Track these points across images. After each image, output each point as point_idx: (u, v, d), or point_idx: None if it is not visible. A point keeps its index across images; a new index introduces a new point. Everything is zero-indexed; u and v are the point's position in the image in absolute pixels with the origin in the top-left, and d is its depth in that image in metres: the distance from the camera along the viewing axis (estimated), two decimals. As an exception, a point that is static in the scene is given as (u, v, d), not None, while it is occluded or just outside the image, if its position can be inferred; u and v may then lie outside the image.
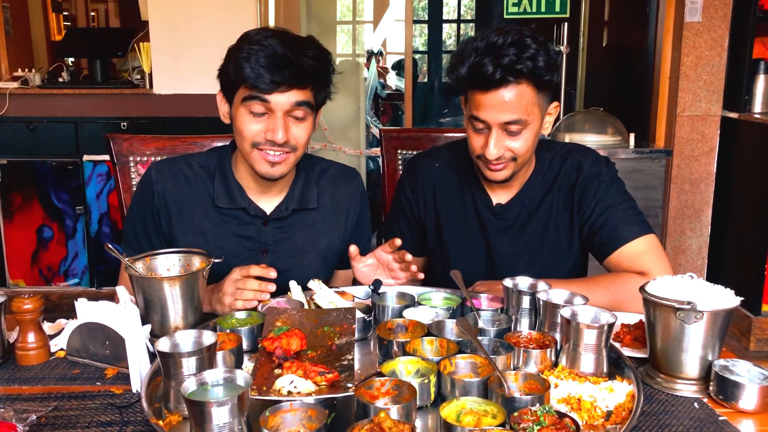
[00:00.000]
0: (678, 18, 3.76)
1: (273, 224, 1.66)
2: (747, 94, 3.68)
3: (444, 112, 6.08)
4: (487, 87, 1.48)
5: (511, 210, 1.71)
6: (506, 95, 1.48)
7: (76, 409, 1.13)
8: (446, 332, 1.29)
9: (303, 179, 1.69)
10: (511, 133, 1.52)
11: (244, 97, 1.49)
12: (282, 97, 1.48)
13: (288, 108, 1.50)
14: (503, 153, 1.54)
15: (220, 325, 1.31)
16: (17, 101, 3.84)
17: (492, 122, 1.51)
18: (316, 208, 1.69)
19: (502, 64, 1.45)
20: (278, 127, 1.49)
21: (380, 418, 0.94)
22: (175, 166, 1.67)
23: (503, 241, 1.72)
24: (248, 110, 1.50)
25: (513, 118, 1.50)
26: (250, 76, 1.45)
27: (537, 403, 1.02)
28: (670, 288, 1.22)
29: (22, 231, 3.94)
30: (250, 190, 1.65)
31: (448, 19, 6.98)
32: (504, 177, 1.60)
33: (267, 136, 1.51)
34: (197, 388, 0.99)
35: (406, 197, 1.82)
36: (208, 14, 3.74)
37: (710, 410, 1.13)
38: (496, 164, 1.56)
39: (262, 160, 1.54)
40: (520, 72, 1.46)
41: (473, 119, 1.54)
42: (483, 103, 1.50)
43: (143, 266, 1.37)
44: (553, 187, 1.69)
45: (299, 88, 1.50)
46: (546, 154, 1.72)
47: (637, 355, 1.30)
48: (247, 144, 1.53)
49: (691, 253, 3.91)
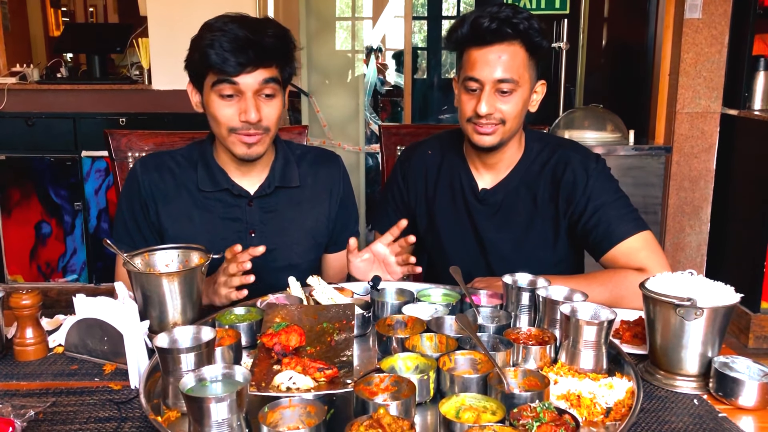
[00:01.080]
0: (678, 15, 3.75)
1: (258, 203, 1.69)
2: (747, 91, 3.67)
3: (443, 108, 6.07)
4: (483, 41, 1.56)
5: (495, 195, 1.73)
6: (501, 53, 1.56)
7: (74, 405, 1.13)
8: (445, 328, 1.29)
9: (282, 159, 1.73)
10: (503, 93, 1.58)
11: (213, 82, 1.55)
12: (249, 77, 1.53)
13: (257, 87, 1.55)
14: (493, 112, 1.58)
15: (218, 321, 1.31)
16: (15, 97, 3.83)
17: (485, 80, 1.57)
18: (298, 186, 1.73)
19: (499, 17, 1.55)
20: (250, 107, 1.54)
21: (379, 414, 0.94)
22: (158, 158, 1.73)
23: (488, 225, 1.74)
24: (218, 95, 1.55)
25: (506, 76, 1.56)
26: (216, 61, 1.51)
27: (536, 399, 1.01)
28: (670, 285, 1.22)
29: (20, 227, 3.94)
30: (232, 173, 1.69)
31: (447, 15, 6.97)
32: (492, 142, 1.62)
33: (241, 118, 1.55)
34: (196, 384, 0.99)
35: (396, 184, 1.86)
36: (207, 10, 3.68)
37: (710, 407, 1.13)
38: (486, 125, 1.60)
39: (240, 143, 1.59)
40: (516, 27, 1.55)
41: (467, 80, 1.60)
42: (478, 60, 1.57)
43: (141, 262, 1.37)
44: (540, 177, 1.71)
45: (264, 67, 1.55)
46: (536, 143, 1.74)
47: (636, 351, 1.30)
48: (224, 129, 1.58)
49: (691, 251, 3.91)
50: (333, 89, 4.63)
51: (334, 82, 4.65)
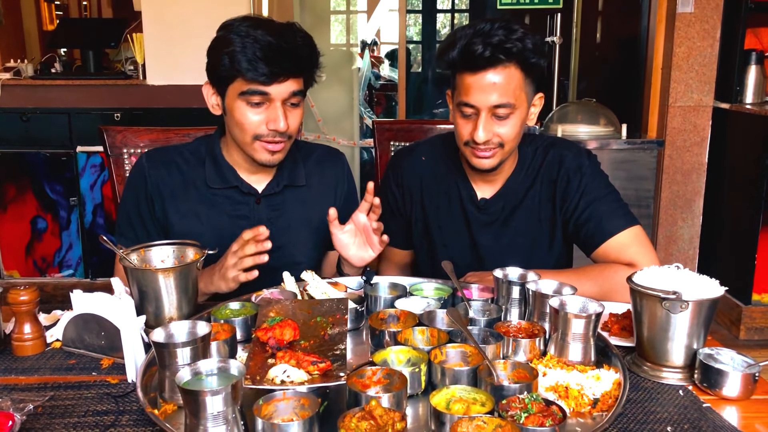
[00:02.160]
0: (671, 8, 3.77)
1: (266, 201, 1.69)
2: (738, 85, 3.70)
3: (438, 103, 6.08)
4: (476, 68, 1.51)
5: (494, 204, 1.73)
6: (495, 78, 1.51)
7: (72, 399, 1.14)
8: (437, 322, 1.31)
9: (290, 158, 1.73)
10: (499, 117, 1.55)
11: (243, 91, 1.51)
12: (281, 87, 1.52)
13: (286, 96, 1.54)
14: (491, 138, 1.56)
15: (214, 316, 1.33)
16: (10, 92, 3.83)
17: (481, 106, 1.53)
18: (305, 185, 1.74)
19: (492, 43, 1.49)
20: (279, 117, 1.53)
21: (371, 406, 0.96)
22: (165, 154, 1.71)
23: (486, 235, 1.74)
24: (246, 102, 1.53)
25: (502, 102, 1.52)
26: (249, 68, 1.48)
27: (525, 391, 1.04)
28: (657, 278, 1.24)
29: (16, 222, 3.94)
30: (241, 171, 1.69)
31: (442, 9, 6.96)
32: (491, 165, 1.61)
33: (269, 127, 1.54)
34: (192, 377, 1.00)
35: (391, 192, 1.84)
36: (200, 4, 3.73)
37: (694, 397, 1.15)
38: (485, 150, 1.58)
39: (264, 150, 1.58)
40: (509, 51, 1.50)
41: (462, 105, 1.57)
42: (472, 86, 1.53)
43: (138, 258, 1.38)
44: (536, 180, 1.71)
45: (294, 77, 1.53)
46: (528, 148, 1.73)
47: (624, 344, 1.32)
48: (249, 136, 1.56)
49: (683, 243, 3.94)
50: (328, 84, 4.64)
51: (328, 77, 4.65)
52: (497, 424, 0.94)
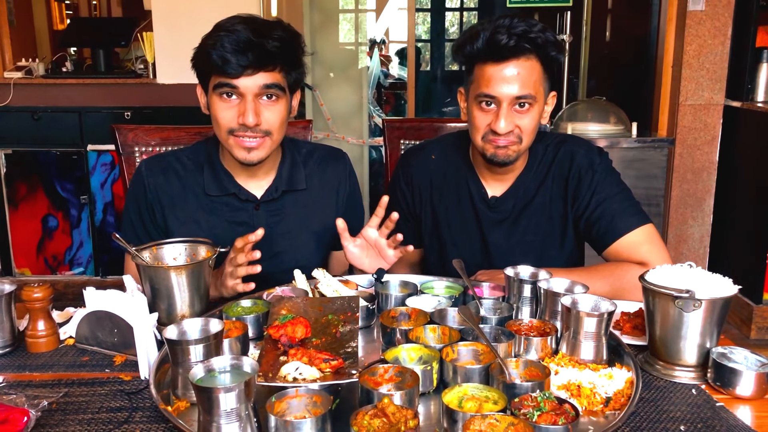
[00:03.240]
0: (681, 6, 3.75)
1: (265, 207, 1.69)
2: (750, 83, 3.67)
3: (447, 101, 6.08)
4: (501, 57, 1.53)
5: (505, 203, 1.72)
6: (518, 69, 1.53)
7: (86, 395, 1.15)
8: (448, 320, 1.31)
9: (289, 161, 1.72)
10: (520, 109, 1.56)
11: (215, 84, 1.53)
12: (249, 80, 1.52)
13: (257, 91, 1.53)
14: (513, 129, 1.56)
15: (226, 314, 1.34)
16: (21, 91, 3.85)
17: (503, 97, 1.54)
18: (305, 189, 1.73)
19: (517, 33, 1.51)
20: (248, 110, 1.52)
21: (383, 404, 0.96)
22: (163, 160, 1.71)
23: (497, 233, 1.74)
24: (219, 96, 1.54)
25: (524, 93, 1.54)
26: (217, 62, 1.50)
27: (537, 389, 1.04)
28: (669, 277, 1.23)
29: (27, 220, 3.97)
30: (239, 176, 1.68)
31: (450, 7, 6.96)
32: (509, 157, 1.61)
33: (239, 121, 1.54)
34: (205, 374, 1.01)
35: (401, 190, 1.83)
36: (210, 3, 3.73)
37: (708, 396, 1.15)
38: (504, 140, 1.57)
39: (239, 147, 1.57)
40: (534, 41, 1.52)
41: (482, 97, 1.56)
42: (495, 77, 1.54)
43: (150, 255, 1.39)
44: (547, 178, 1.71)
45: (266, 71, 1.53)
46: (539, 145, 1.73)
47: (636, 342, 1.32)
48: (224, 131, 1.57)
49: (693, 242, 3.92)
50: (337, 82, 4.64)
51: (338, 76, 4.66)
52: (510, 422, 0.94)
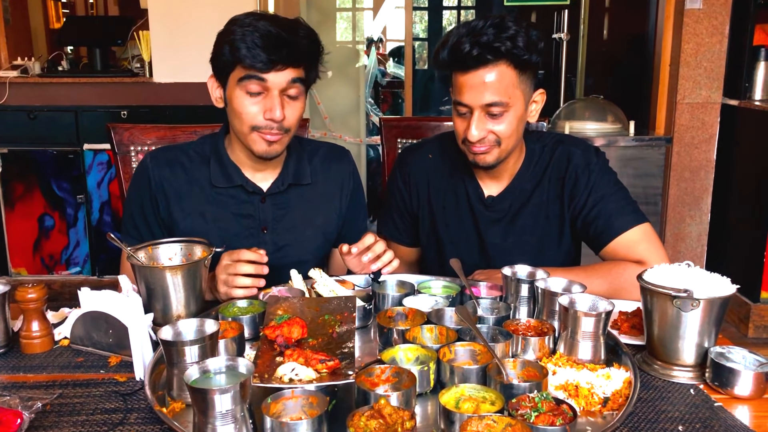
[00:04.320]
0: (679, 5, 3.75)
1: (271, 200, 1.69)
2: (747, 81, 3.67)
3: (444, 100, 6.07)
4: (466, 67, 1.51)
5: (502, 202, 1.72)
6: (486, 76, 1.51)
7: (80, 397, 1.14)
8: (446, 320, 1.30)
9: (295, 156, 1.73)
10: (493, 115, 1.54)
11: (241, 77, 1.52)
12: (278, 75, 1.52)
13: (284, 86, 1.53)
14: (486, 135, 1.56)
15: (222, 314, 1.33)
16: (17, 90, 3.84)
17: (473, 105, 1.53)
18: (310, 183, 1.73)
19: (480, 42, 1.48)
20: (275, 105, 1.52)
21: (380, 405, 0.96)
22: (170, 153, 1.71)
23: (494, 232, 1.73)
24: (245, 90, 1.53)
25: (493, 100, 1.52)
26: (247, 55, 1.49)
27: (535, 389, 1.03)
28: (667, 276, 1.23)
29: (23, 220, 3.96)
30: (246, 169, 1.68)
31: (448, 5, 6.95)
32: (490, 161, 1.61)
33: (266, 116, 1.54)
34: (200, 375, 1.00)
35: (398, 189, 1.83)
36: (207, 2, 3.73)
37: (706, 396, 1.14)
38: (479, 147, 1.57)
39: (261, 140, 1.57)
40: (498, 51, 1.49)
41: (456, 104, 1.57)
42: (464, 85, 1.53)
43: (145, 256, 1.38)
44: (543, 177, 1.70)
45: (294, 67, 1.53)
46: (536, 145, 1.73)
47: (634, 342, 1.31)
48: (246, 126, 1.56)
49: (691, 241, 3.92)
50: (334, 81, 4.64)
51: (335, 74, 4.65)
52: (507, 423, 0.93)
